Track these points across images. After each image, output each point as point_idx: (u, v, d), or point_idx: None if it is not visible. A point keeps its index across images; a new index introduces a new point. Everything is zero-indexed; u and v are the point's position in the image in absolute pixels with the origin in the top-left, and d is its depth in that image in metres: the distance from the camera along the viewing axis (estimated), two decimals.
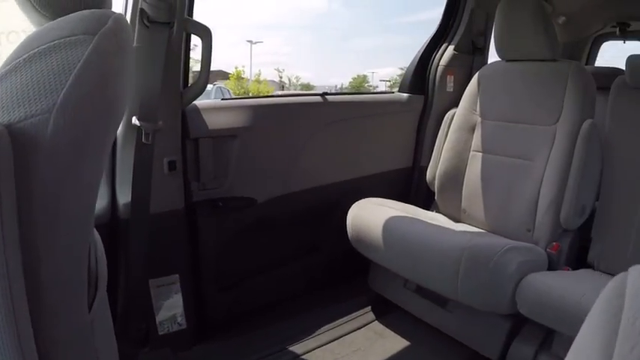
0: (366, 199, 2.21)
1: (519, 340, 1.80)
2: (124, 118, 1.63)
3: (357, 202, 2.18)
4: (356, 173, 2.38)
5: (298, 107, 2.17)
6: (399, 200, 2.34)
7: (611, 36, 3.61)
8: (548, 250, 1.96)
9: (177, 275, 1.82)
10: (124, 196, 1.67)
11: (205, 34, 1.72)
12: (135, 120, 1.59)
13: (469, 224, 2.29)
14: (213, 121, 1.91)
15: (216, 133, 1.91)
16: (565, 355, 0.53)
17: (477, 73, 2.41)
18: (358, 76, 41.97)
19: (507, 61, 2.33)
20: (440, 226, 2.03)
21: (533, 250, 1.85)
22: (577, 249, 2.10)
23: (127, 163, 1.64)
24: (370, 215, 2.07)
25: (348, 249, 2.14)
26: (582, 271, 1.98)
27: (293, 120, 2.13)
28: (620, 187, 2.06)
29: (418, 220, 2.05)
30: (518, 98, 2.23)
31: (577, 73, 2.10)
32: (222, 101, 2.04)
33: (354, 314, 2.22)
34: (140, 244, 1.64)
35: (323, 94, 2.27)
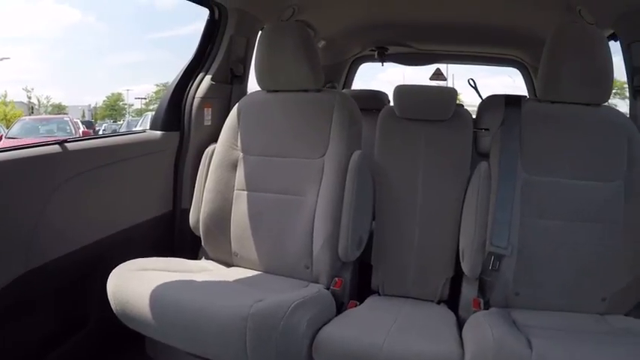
0: (125, 263, 1.86)
1: None
2: None
3: (114, 270, 1.82)
4: (113, 228, 2.02)
5: (30, 162, 1.72)
6: (164, 250, 2.08)
7: (370, 58, 3.85)
8: (332, 288, 1.92)
9: None
10: None
11: None
12: None
13: (243, 267, 2.12)
14: None
15: None
16: None
17: (236, 105, 2.25)
18: (113, 94, 39.90)
19: (269, 91, 2.23)
20: (215, 285, 1.83)
21: (318, 297, 1.76)
22: (358, 277, 2.12)
23: None
24: (133, 285, 1.75)
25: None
26: (369, 303, 2.00)
27: (25, 179, 1.68)
28: (394, 213, 2.15)
29: (188, 282, 1.80)
30: (282, 131, 2.14)
31: (342, 103, 2.10)
32: None
33: None
34: None
35: (62, 142, 1.85)
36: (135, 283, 1.75)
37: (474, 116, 2.30)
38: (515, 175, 1.92)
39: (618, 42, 2.25)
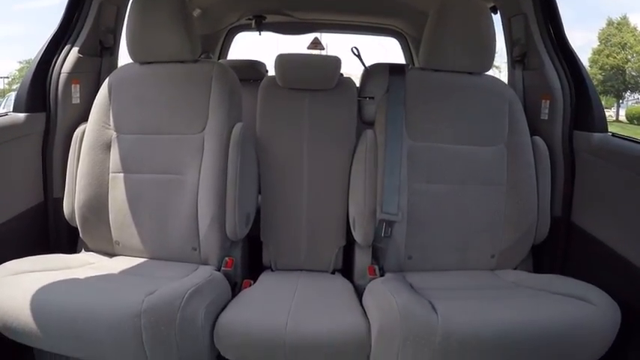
0: None
1: None
2: None
3: None
4: None
5: None
6: (39, 247, 1.91)
7: (247, 28, 3.74)
8: (223, 269, 1.86)
9: None
10: None
11: None
12: None
13: (127, 256, 1.99)
14: None
15: None
16: None
17: (106, 80, 2.08)
18: None
19: (142, 63, 2.08)
20: (100, 280, 1.69)
21: (212, 281, 1.69)
22: (249, 254, 2.11)
23: None
24: (9, 293, 1.56)
25: None
26: (263, 281, 1.97)
27: None
28: (280, 186, 2.13)
29: (71, 281, 1.63)
30: (157, 106, 2.01)
31: (221, 74, 2.01)
32: None
33: None
34: None
35: None
36: (12, 291, 1.57)
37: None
38: (401, 142, 1.94)
39: (499, 14, 2.31)
